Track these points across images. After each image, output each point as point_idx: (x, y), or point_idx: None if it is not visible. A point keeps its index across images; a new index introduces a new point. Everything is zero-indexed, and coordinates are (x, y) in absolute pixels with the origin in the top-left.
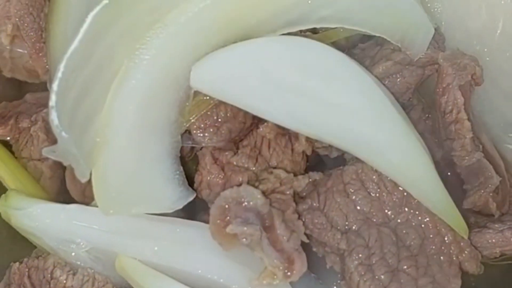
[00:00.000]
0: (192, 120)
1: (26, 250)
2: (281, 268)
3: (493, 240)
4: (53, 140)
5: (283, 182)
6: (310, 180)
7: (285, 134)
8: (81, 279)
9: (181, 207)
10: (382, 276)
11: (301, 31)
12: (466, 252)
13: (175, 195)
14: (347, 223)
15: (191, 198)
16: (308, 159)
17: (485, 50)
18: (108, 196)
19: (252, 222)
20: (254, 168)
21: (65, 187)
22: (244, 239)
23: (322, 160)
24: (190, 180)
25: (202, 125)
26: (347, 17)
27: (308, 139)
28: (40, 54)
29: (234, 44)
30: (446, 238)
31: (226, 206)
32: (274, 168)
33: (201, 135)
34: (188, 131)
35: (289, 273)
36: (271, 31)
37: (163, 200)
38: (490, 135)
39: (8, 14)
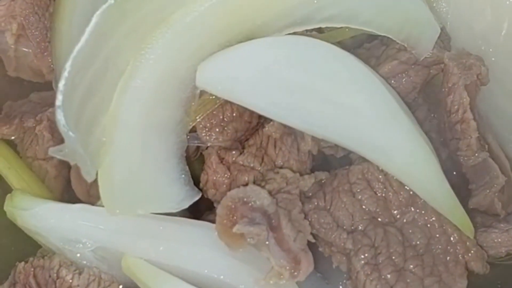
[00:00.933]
0: (198, 120)
1: (31, 249)
2: (287, 268)
3: (499, 240)
4: (58, 140)
5: (289, 182)
6: (316, 179)
7: (291, 133)
8: (87, 278)
9: (186, 206)
10: (388, 276)
11: (306, 30)
12: (472, 251)
13: (181, 195)
14: (353, 222)
15: (196, 198)
16: (314, 158)
17: (491, 50)
18: (114, 196)
19: (259, 222)
20: (260, 168)
21: (70, 187)
22: (251, 239)
23: (328, 160)
24: (196, 180)
25: (208, 125)
26: (353, 16)
27: (314, 139)
28: (45, 54)
29: (240, 44)
30: (452, 238)
31: (233, 206)
32: (280, 167)
33: (207, 134)
34: (194, 131)
35: (295, 273)
36: (276, 31)
37: (169, 200)
38: (496, 135)
39: (13, 13)
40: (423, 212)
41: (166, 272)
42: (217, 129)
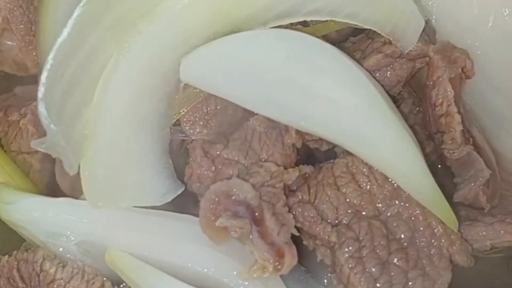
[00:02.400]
0: (182, 113)
1: (15, 243)
2: (271, 261)
3: (484, 233)
4: (42, 133)
5: (273, 176)
6: (301, 173)
7: (276, 127)
8: (70, 271)
9: (169, 200)
10: (373, 269)
11: (291, 24)
12: (456, 244)
13: (164, 188)
14: (337, 216)
15: (179, 191)
16: (298, 152)
17: (476, 43)
18: (96, 189)
19: (242, 215)
20: (244, 161)
21: (54, 181)
22: (234, 232)
23: (312, 154)
24: (180, 174)
25: (192, 118)
26: (338, 9)
27: (298, 132)
28: (30, 47)
29: (224, 37)
30: (436, 231)
31: (216, 199)
32: (265, 161)
33: (191, 128)
34: (178, 124)
35: (279, 266)
36: (261, 24)
37: (152, 193)
38: (481, 128)
39: None
40: (407, 205)
41: (150, 265)
42: (201, 123)
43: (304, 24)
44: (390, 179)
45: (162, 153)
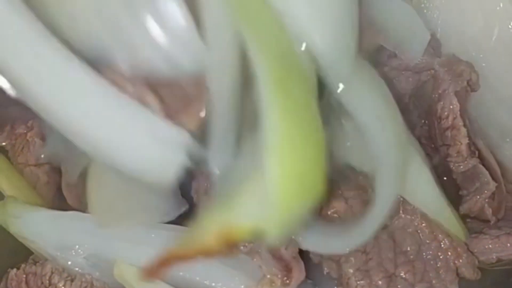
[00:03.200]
0: None
1: (23, 256)
2: (279, 276)
3: (490, 246)
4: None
5: None
6: None
7: None
8: (79, 285)
9: (173, 218)
10: (379, 282)
11: None
12: (463, 257)
13: (168, 206)
14: None
15: (183, 209)
16: None
17: (481, 56)
18: (101, 209)
19: None
20: None
21: (61, 193)
22: (243, 247)
23: None
24: (186, 188)
25: None
26: None
27: None
28: None
29: None
30: (442, 244)
31: None
32: None
33: None
34: None
35: (287, 281)
36: None
37: (155, 212)
38: (486, 140)
39: None
40: (413, 218)
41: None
42: None
43: None
44: None
45: None
